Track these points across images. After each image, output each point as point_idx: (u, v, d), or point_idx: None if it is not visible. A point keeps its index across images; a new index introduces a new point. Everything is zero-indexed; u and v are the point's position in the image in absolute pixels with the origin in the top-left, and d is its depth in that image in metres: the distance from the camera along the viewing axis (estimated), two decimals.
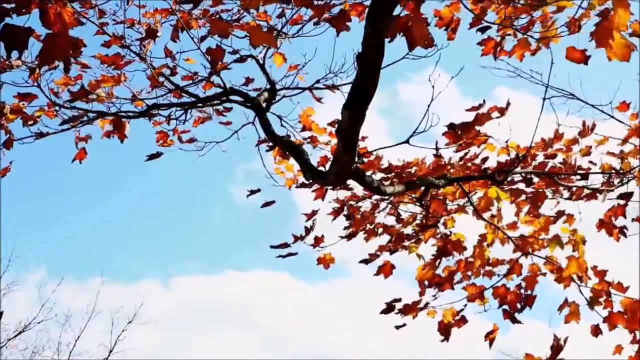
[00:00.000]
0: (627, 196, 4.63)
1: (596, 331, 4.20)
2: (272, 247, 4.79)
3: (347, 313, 23.12)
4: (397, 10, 2.87)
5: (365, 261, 4.86)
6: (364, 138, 4.61)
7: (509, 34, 3.92)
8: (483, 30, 3.78)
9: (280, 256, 4.77)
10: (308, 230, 4.87)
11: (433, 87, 3.54)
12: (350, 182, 4.49)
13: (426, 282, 4.50)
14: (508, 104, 4.08)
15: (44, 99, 4.36)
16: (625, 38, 2.72)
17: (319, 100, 5.17)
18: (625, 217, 4.65)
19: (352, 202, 5.01)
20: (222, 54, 3.97)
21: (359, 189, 4.91)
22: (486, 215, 4.59)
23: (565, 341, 3.78)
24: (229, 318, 24.01)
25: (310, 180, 4.49)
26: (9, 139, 4.32)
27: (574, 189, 4.79)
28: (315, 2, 3.18)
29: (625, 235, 4.62)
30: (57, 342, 16.37)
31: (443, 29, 3.76)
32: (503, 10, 3.61)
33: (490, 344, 4.27)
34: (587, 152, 4.87)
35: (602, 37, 2.70)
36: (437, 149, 4.27)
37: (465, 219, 4.80)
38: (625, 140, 4.82)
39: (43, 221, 23.66)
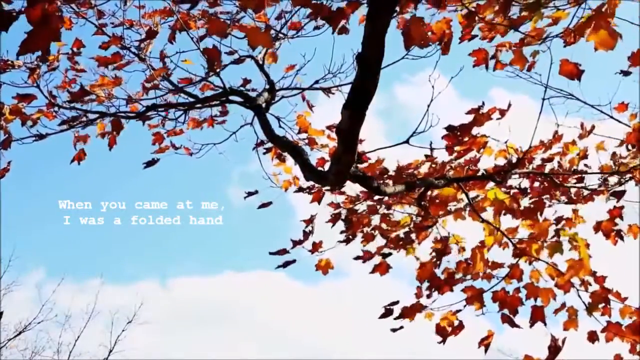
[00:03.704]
0: (619, 194, 4.63)
1: (593, 338, 4.18)
2: (270, 253, 4.78)
3: (346, 314, 23.18)
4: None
5: (360, 257, 4.84)
6: (361, 140, 4.60)
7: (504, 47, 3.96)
8: (469, 39, 3.83)
9: (279, 266, 4.74)
10: (307, 235, 4.85)
11: (433, 87, 3.55)
12: (346, 185, 4.48)
13: (426, 284, 4.48)
14: (509, 105, 4.08)
15: (43, 99, 4.36)
16: (610, 28, 2.76)
17: (310, 107, 5.16)
18: (622, 218, 4.64)
19: (350, 206, 4.99)
20: (220, 55, 3.97)
21: (354, 192, 4.91)
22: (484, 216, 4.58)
23: (563, 342, 3.77)
24: (228, 318, 24.06)
25: (310, 181, 4.48)
26: (7, 139, 4.31)
27: (572, 191, 4.79)
28: (313, 1, 3.18)
29: (622, 239, 4.61)
30: (57, 343, 16.42)
31: (437, 43, 3.78)
32: (500, 17, 3.62)
33: (486, 350, 4.24)
34: (584, 155, 4.87)
35: (593, 29, 2.74)
36: (431, 149, 4.27)
37: (466, 221, 4.79)
38: (623, 143, 4.83)
39: (43, 221, 23.61)
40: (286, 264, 4.75)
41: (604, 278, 4.20)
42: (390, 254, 4.84)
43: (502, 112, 4.19)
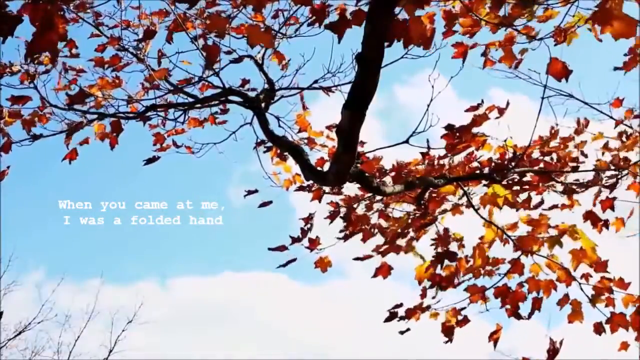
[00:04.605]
0: (611, 186, 4.66)
1: (599, 329, 4.21)
2: (269, 249, 4.78)
3: (345, 313, 23.18)
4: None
5: (360, 258, 4.84)
6: (362, 143, 4.59)
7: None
8: (447, 35, 3.80)
9: (281, 266, 4.74)
10: (305, 232, 4.84)
11: (432, 87, 3.55)
12: (346, 186, 4.48)
13: (427, 283, 4.50)
14: (507, 103, 4.10)
15: (40, 100, 4.35)
16: (626, 15, 2.75)
17: (305, 108, 5.16)
18: (613, 209, 4.68)
19: (349, 204, 4.99)
20: (218, 51, 3.97)
21: (353, 192, 4.91)
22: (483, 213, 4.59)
23: (561, 344, 3.79)
24: (227, 319, 24.05)
25: (310, 181, 4.48)
26: (7, 143, 4.31)
27: (568, 184, 4.82)
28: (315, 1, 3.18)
29: (607, 228, 4.65)
30: (57, 343, 16.38)
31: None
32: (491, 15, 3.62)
33: (495, 344, 4.27)
34: (581, 146, 4.91)
35: (604, 20, 2.73)
36: (428, 147, 4.28)
37: (465, 220, 4.81)
38: (621, 136, 4.86)
39: (43, 221, 23.57)
40: (287, 263, 4.76)
41: (606, 263, 4.23)
42: (388, 252, 4.84)
43: (501, 111, 4.20)
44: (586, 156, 4.88)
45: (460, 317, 4.30)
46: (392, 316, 4.37)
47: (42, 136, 4.48)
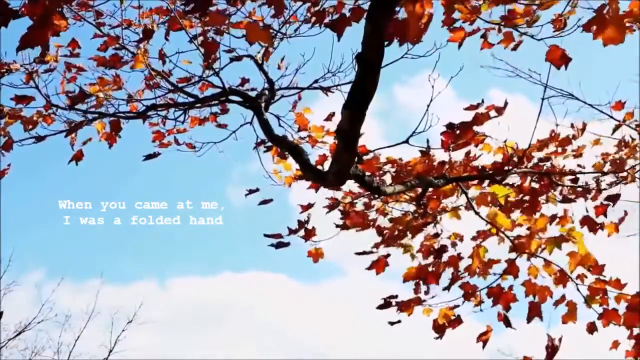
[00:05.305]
0: (614, 198, 4.69)
1: (592, 328, 4.23)
2: (265, 235, 4.73)
3: (344, 313, 23.18)
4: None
5: (363, 253, 4.82)
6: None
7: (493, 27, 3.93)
8: (450, 24, 3.76)
9: (272, 245, 4.67)
10: (302, 224, 4.83)
11: (432, 87, 3.56)
12: (346, 184, 4.47)
13: (413, 281, 4.52)
14: (506, 103, 4.10)
15: (42, 100, 4.36)
16: (619, 23, 2.75)
17: (294, 106, 5.16)
18: (605, 216, 4.73)
19: (346, 198, 4.98)
20: (216, 47, 3.97)
21: (352, 187, 4.91)
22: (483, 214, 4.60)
23: (560, 341, 3.80)
24: (227, 319, 24.07)
25: (310, 181, 4.48)
26: (8, 142, 4.32)
27: (566, 190, 4.84)
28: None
29: (602, 229, 4.70)
30: (57, 343, 16.40)
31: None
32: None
33: (484, 345, 4.29)
34: (579, 154, 4.92)
35: (598, 27, 2.73)
36: (428, 147, 4.28)
37: (465, 220, 4.82)
38: (620, 144, 4.87)
39: (43, 221, 23.58)
40: (280, 245, 4.69)
41: (602, 267, 4.25)
42: (389, 255, 4.84)
43: (499, 110, 4.20)
44: (583, 167, 4.91)
45: (453, 317, 4.31)
46: (386, 304, 4.37)
47: (45, 137, 4.50)
